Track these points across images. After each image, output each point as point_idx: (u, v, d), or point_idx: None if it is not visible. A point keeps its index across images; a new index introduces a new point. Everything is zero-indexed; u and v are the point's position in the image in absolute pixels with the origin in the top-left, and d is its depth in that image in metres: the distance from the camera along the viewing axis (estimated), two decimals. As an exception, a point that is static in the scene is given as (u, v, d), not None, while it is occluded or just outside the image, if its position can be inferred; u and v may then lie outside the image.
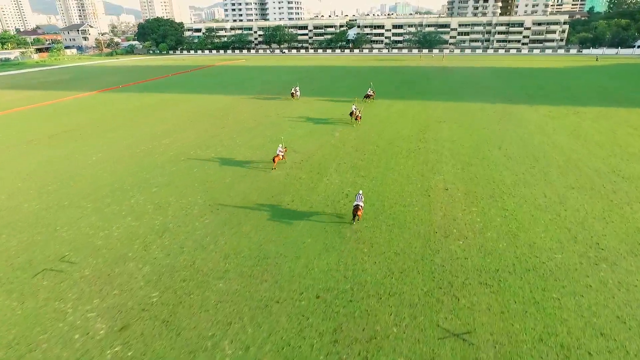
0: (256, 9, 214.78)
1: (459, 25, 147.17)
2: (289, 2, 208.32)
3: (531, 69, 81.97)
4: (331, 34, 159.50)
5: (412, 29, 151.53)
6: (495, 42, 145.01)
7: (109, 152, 29.14)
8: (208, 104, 47.95)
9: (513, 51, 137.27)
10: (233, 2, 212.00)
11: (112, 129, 36.08)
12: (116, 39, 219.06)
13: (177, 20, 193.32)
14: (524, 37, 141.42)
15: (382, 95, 49.85)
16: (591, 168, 23.82)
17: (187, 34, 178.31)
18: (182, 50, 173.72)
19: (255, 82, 66.98)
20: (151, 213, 19.15)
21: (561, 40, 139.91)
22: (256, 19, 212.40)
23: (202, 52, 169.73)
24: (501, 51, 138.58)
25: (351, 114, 35.27)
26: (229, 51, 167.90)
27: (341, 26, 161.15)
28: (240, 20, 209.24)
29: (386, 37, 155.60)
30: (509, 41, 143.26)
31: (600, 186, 21.20)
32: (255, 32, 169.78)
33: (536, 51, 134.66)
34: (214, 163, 26.09)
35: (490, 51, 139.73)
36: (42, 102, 52.03)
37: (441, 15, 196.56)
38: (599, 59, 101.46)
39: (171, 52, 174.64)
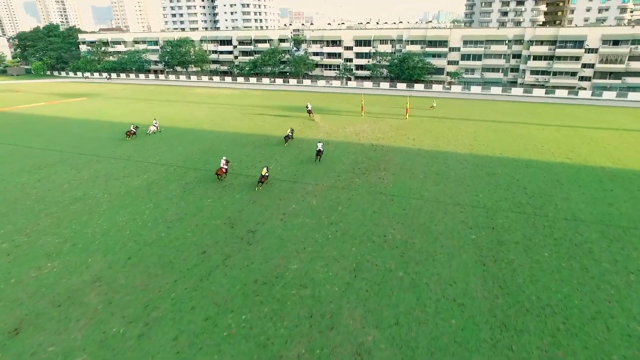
0: (204, 13, 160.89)
1: (464, 42, 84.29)
2: (243, 5, 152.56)
3: (616, 173, 21.71)
4: (261, 52, 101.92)
5: (387, 48, 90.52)
6: (528, 73, 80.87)
7: None
8: None
9: (562, 93, 72.98)
10: (172, 4, 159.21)
11: None
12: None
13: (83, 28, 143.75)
14: (585, 66, 76.36)
15: None
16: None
17: (83, 48, 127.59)
18: (68, 71, 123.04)
19: None
20: None
21: (659, 73, 73.67)
22: (204, 28, 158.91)
23: (91, 74, 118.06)
24: (538, 92, 74.63)
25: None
26: (123, 75, 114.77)
27: (281, 41, 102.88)
28: (182, 29, 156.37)
29: (346, 60, 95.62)
30: (555, 73, 78.59)
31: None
32: (162, 47, 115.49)
33: (609, 95, 69.67)
34: None
35: (517, 91, 76.22)
36: None
37: (435, 27, 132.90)
38: None
39: (57, 73, 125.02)
